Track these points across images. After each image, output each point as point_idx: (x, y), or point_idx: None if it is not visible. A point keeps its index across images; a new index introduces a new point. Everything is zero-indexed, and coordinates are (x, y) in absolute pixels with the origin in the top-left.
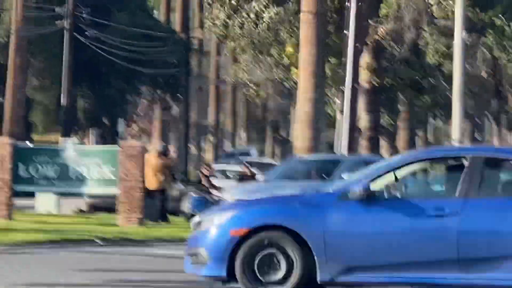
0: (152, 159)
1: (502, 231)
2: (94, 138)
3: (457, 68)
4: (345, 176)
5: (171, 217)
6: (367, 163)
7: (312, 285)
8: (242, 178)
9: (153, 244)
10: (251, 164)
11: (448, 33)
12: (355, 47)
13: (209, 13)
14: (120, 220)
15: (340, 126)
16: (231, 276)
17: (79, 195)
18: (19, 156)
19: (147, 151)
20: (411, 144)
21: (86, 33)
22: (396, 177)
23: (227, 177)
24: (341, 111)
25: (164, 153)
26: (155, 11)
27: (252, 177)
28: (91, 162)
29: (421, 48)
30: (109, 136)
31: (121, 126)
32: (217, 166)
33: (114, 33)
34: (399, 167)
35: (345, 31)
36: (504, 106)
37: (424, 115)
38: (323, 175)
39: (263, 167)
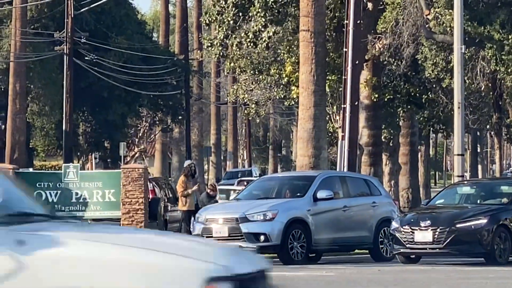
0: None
1: None
2: (96, 162)
3: (456, 82)
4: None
5: None
6: (341, 179)
7: None
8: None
9: None
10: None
11: (446, 48)
12: (354, 64)
13: (207, 34)
14: None
15: (341, 143)
16: None
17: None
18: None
19: (149, 173)
20: (413, 159)
21: (85, 58)
22: None
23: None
24: (342, 128)
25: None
26: (153, 34)
27: None
28: (93, 186)
29: (420, 63)
30: (111, 160)
31: (122, 149)
32: (219, 187)
33: (113, 57)
34: None
35: (344, 49)
36: (504, 119)
37: (425, 130)
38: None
39: None
